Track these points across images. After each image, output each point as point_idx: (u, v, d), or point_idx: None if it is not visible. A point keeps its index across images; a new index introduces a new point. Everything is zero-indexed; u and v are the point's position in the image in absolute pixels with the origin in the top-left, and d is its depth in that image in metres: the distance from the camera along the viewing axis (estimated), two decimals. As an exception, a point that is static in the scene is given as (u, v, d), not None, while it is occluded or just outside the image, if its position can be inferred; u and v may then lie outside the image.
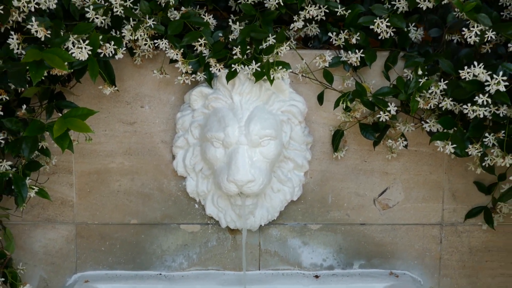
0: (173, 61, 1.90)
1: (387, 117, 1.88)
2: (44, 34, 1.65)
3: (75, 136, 1.82)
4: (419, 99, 1.84)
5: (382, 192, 2.10)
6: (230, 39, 1.89)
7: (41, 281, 2.13)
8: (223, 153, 1.91)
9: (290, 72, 1.93)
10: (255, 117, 1.91)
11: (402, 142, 1.97)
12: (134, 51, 1.92)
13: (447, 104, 1.83)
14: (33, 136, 1.72)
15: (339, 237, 2.13)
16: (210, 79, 1.92)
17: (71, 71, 1.75)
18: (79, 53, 1.66)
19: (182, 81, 1.91)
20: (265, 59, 1.86)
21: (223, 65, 1.88)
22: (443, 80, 1.83)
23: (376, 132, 1.98)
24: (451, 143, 1.83)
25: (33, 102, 1.90)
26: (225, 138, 1.88)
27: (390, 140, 1.98)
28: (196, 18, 1.88)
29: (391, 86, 1.93)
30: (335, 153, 2.04)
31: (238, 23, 1.89)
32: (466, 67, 1.74)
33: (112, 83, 1.89)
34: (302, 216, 2.11)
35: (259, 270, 2.15)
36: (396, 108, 1.89)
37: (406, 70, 1.93)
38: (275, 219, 2.08)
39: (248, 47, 1.88)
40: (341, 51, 1.95)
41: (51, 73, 1.72)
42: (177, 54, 1.86)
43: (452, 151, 1.83)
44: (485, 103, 1.74)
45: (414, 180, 2.10)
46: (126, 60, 1.94)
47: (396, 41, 1.96)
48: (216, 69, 1.87)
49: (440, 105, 1.84)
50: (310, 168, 2.06)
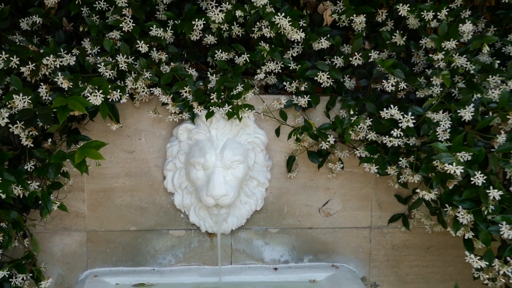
0: (165, 104, 2.00)
1: (328, 146, 1.99)
2: (68, 85, 1.78)
3: (88, 162, 1.76)
4: (351, 132, 1.95)
5: (325, 203, 2.21)
6: (209, 87, 1.99)
7: (59, 277, 2.19)
8: (203, 174, 2.00)
9: (254, 112, 2.02)
10: (228, 146, 2.00)
11: (340, 165, 2.08)
12: (134, 96, 2.02)
13: (372, 136, 1.94)
14: (58, 163, 1.85)
15: (293, 238, 2.22)
16: (193, 118, 2.01)
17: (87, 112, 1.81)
18: (95, 99, 1.79)
19: (172, 119, 2.01)
20: (235, 103, 1.96)
21: (203, 107, 1.97)
22: (369, 118, 1.94)
23: (320, 157, 2.08)
24: (375, 165, 1.94)
25: (55, 137, 1.99)
26: (205, 163, 1.97)
27: (331, 163, 2.09)
28: (182, 71, 1.98)
29: (331, 123, 2.04)
30: (289, 174, 2.15)
31: (215, 75, 1.99)
32: (385, 109, 1.86)
33: (117, 121, 1.99)
34: (264, 222, 2.20)
35: (231, 265, 2.23)
36: (334, 139, 2.00)
37: (342, 111, 2.05)
38: (243, 225, 2.17)
39: (222, 93, 1.97)
40: (293, 96, 2.06)
41: (70, 114, 1.78)
42: (168, 99, 1.97)
43: (376, 171, 1.93)
44: (399, 135, 1.87)
45: (350, 194, 2.20)
46: (128, 103, 2.02)
47: (335, 89, 2.07)
48: (198, 110, 1.98)
49: (367, 137, 1.95)
50: (270, 185, 2.17)
